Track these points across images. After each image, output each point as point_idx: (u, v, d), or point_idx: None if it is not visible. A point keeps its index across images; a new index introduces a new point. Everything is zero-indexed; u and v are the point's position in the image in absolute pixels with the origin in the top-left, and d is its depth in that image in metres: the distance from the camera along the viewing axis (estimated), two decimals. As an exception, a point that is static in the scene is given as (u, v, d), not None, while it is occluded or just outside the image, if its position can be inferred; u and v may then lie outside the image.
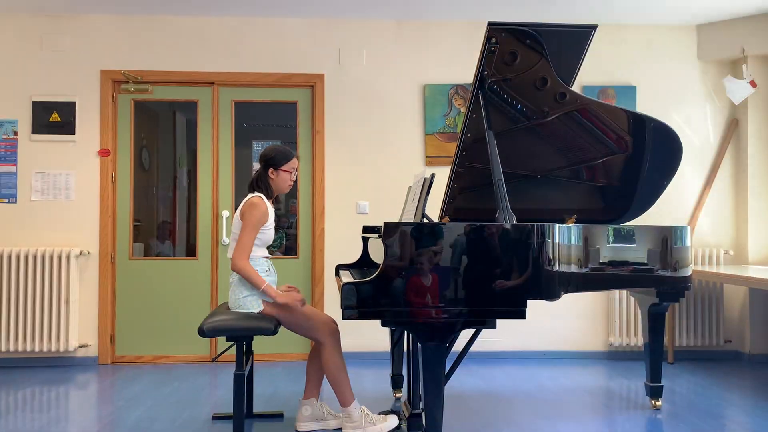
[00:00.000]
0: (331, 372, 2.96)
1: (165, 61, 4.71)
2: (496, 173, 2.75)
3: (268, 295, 2.92)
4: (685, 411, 3.47)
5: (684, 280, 3.21)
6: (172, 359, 4.70)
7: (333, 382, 2.97)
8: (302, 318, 2.99)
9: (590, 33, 2.99)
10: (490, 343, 4.76)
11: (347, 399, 2.96)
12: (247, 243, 2.92)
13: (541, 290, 2.57)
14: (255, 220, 2.93)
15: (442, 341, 2.49)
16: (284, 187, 3.11)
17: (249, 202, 2.99)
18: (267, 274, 3.02)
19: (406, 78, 4.80)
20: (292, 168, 3.09)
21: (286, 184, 3.09)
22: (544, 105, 3.14)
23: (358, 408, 2.97)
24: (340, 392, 2.96)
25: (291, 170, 3.08)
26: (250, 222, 2.92)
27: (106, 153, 4.66)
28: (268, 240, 3.05)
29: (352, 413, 2.94)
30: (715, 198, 4.89)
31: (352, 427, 2.93)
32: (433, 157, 4.77)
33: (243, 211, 2.98)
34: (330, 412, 3.15)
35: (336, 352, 2.99)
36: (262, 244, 3.04)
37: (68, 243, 4.61)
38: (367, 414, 2.99)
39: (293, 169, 3.10)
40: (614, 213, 3.56)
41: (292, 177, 3.11)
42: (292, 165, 3.09)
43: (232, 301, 2.99)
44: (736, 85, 4.64)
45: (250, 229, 2.92)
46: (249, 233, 2.92)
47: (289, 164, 3.07)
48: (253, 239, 2.93)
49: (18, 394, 3.83)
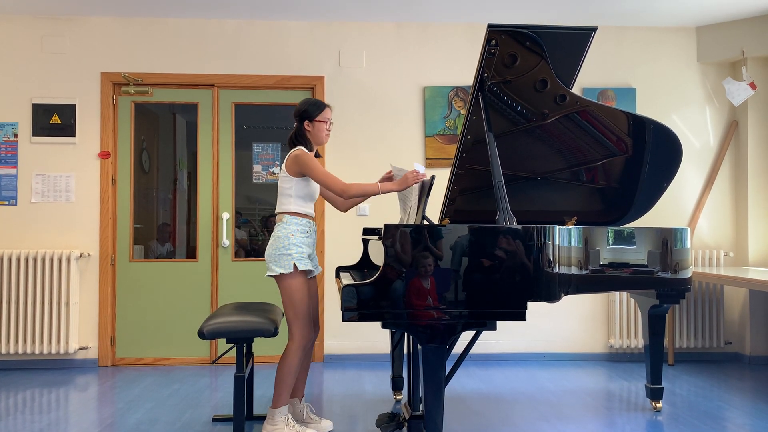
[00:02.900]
0: (282, 369, 2.93)
1: (165, 64, 4.71)
2: (496, 175, 2.75)
3: (383, 191, 2.89)
4: (685, 413, 3.47)
5: (684, 282, 3.21)
6: (172, 361, 4.70)
7: (277, 379, 2.94)
8: (291, 306, 2.94)
9: (590, 35, 2.99)
10: (490, 345, 4.77)
11: (280, 401, 2.94)
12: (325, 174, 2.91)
13: (542, 292, 2.57)
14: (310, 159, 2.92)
15: (442, 343, 2.49)
16: (322, 138, 3.08)
17: (293, 154, 2.98)
18: (307, 235, 2.99)
19: (406, 80, 4.81)
20: (326, 118, 3.06)
21: (323, 134, 3.06)
22: (544, 107, 3.14)
23: (284, 414, 2.93)
24: (278, 392, 2.94)
25: (326, 120, 3.06)
26: (307, 163, 2.91)
27: (107, 155, 4.66)
28: (312, 193, 3.04)
29: (275, 415, 2.92)
30: (715, 200, 4.90)
31: (270, 429, 2.91)
32: (433, 159, 4.78)
33: (288, 164, 2.99)
34: (310, 415, 3.16)
35: (296, 356, 2.94)
36: (307, 198, 3.02)
37: (68, 245, 4.61)
38: (291, 422, 2.94)
39: (327, 119, 3.07)
40: (614, 215, 3.56)
41: (328, 127, 3.08)
42: (326, 115, 3.07)
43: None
44: (735, 87, 4.64)
45: (314, 165, 2.91)
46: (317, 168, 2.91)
47: (323, 114, 3.05)
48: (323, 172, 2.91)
49: (18, 396, 3.83)
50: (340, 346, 4.71)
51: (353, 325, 4.73)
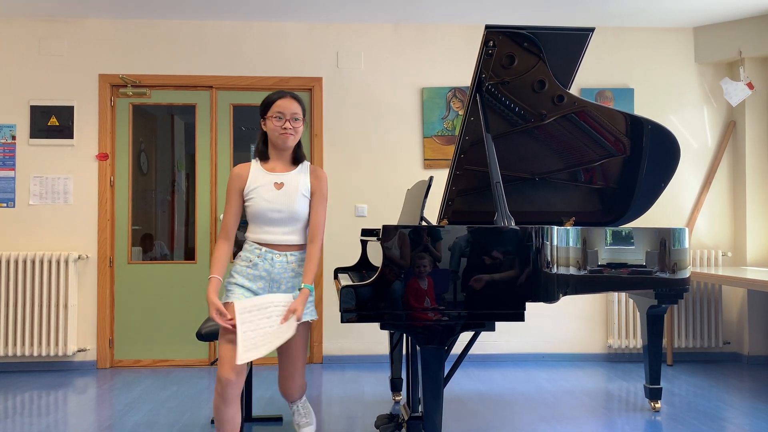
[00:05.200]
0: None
1: (163, 65, 4.71)
2: (494, 176, 2.75)
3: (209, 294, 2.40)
4: (684, 413, 3.47)
5: (682, 282, 3.22)
6: (170, 363, 4.69)
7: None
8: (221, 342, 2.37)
9: (587, 35, 2.99)
10: (489, 346, 4.77)
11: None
12: (225, 215, 2.48)
13: (540, 292, 2.57)
14: (228, 188, 2.49)
15: (441, 344, 2.49)
16: (274, 138, 2.49)
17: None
18: (248, 265, 2.45)
19: (404, 81, 4.81)
20: (277, 113, 2.47)
21: (275, 133, 2.48)
22: (542, 108, 3.14)
23: None
24: None
25: (276, 115, 2.47)
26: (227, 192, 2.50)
27: (105, 157, 4.65)
28: (254, 214, 2.45)
29: None
30: (713, 200, 4.90)
31: None
32: (431, 160, 4.78)
33: None
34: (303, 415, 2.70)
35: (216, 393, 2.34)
36: (254, 219, 2.47)
37: (66, 247, 4.61)
38: None
39: (279, 114, 2.47)
40: (612, 215, 3.57)
41: (283, 124, 2.47)
42: (277, 109, 2.47)
43: None
44: (733, 87, 4.65)
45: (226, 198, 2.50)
46: (226, 204, 2.50)
47: (272, 109, 2.49)
48: (226, 211, 2.48)
49: (16, 399, 3.82)
50: (338, 347, 4.70)
51: (352, 326, 4.73)
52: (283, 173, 2.53)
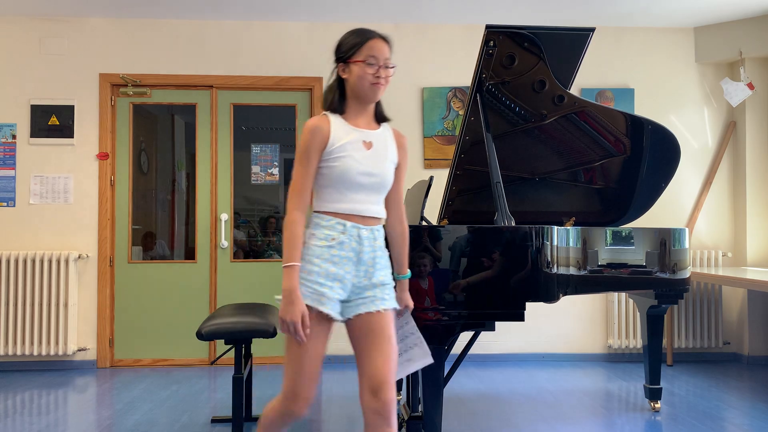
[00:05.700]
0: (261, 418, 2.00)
1: (164, 65, 4.71)
2: (494, 176, 2.75)
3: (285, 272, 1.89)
4: (684, 413, 3.47)
5: (682, 282, 3.22)
6: (170, 362, 4.70)
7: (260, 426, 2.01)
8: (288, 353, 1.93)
9: (588, 36, 2.99)
10: (489, 346, 4.77)
11: None
12: (294, 180, 1.94)
13: (540, 292, 2.57)
14: (300, 148, 1.94)
15: (441, 343, 2.49)
16: (361, 88, 1.97)
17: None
18: (329, 244, 1.92)
19: (405, 81, 4.81)
20: (370, 56, 1.94)
21: (364, 82, 1.95)
22: (542, 108, 3.14)
23: None
24: None
25: (368, 59, 1.94)
26: (296, 153, 1.96)
27: (105, 156, 4.66)
28: (340, 177, 1.93)
29: None
30: (713, 200, 4.90)
31: None
32: (431, 160, 4.78)
33: None
34: None
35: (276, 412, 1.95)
36: (335, 185, 1.94)
37: (67, 246, 4.61)
38: None
39: (372, 58, 1.94)
40: (613, 215, 3.57)
41: (376, 72, 1.95)
42: (369, 52, 1.95)
43: None
44: (733, 88, 4.65)
45: (296, 161, 1.95)
46: (295, 167, 1.95)
47: (361, 51, 1.95)
48: (301, 174, 1.92)
49: (17, 398, 3.82)
50: (339, 346, 4.70)
51: (352, 326, 4.72)
52: (370, 131, 2.03)
